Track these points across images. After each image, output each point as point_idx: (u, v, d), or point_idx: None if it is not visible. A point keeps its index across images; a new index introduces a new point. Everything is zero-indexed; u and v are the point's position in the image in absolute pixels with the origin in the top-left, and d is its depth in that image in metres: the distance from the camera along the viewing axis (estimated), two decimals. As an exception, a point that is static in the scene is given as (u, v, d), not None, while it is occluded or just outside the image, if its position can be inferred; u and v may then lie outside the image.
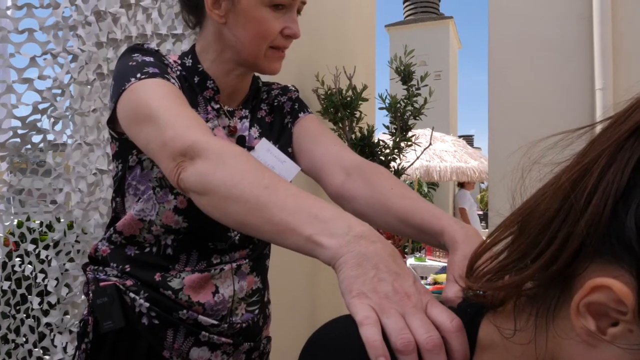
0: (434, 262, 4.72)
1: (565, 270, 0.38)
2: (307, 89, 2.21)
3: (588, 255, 0.36)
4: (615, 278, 0.34)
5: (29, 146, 1.50)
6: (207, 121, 0.92)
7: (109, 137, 1.09)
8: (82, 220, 1.45)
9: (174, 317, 0.90)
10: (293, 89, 1.09)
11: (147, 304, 0.89)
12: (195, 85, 0.94)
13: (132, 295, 0.89)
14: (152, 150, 0.76)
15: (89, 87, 1.43)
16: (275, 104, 1.05)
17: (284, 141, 1.02)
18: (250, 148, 0.97)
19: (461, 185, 7.47)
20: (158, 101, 0.76)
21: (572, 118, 2.09)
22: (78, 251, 1.52)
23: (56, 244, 1.51)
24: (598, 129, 0.40)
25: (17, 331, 1.62)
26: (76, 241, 1.50)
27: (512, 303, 0.44)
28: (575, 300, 0.36)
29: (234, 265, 0.96)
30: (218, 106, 0.95)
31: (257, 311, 1.01)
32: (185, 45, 1.33)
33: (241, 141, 0.96)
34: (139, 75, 0.80)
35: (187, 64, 0.95)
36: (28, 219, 1.63)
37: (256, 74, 1.03)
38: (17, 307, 1.64)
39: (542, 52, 2.12)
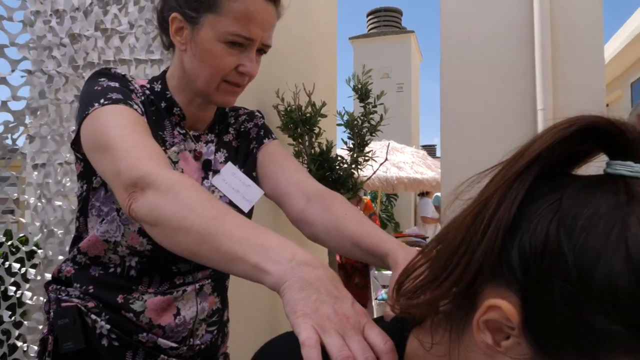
0: (394, 270, 4.80)
1: (467, 291, 0.44)
2: (268, 105, 2.25)
3: (485, 279, 0.42)
4: (505, 299, 0.40)
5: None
6: (173, 145, 0.94)
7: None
8: (64, 236, 1.47)
9: (133, 340, 0.91)
10: (259, 115, 1.13)
11: (107, 326, 0.90)
12: (162, 110, 0.95)
13: (93, 317, 0.90)
14: (107, 178, 0.77)
15: (66, 106, 1.46)
16: (242, 129, 1.08)
17: (249, 166, 1.05)
18: (216, 171, 0.99)
19: (423, 194, 7.59)
20: (116, 130, 0.77)
21: (517, 135, 2.21)
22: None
23: (31, 255, 1.52)
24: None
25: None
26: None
27: (431, 319, 0.50)
28: (476, 317, 0.42)
29: (197, 286, 0.97)
30: (184, 131, 0.97)
31: (215, 331, 1.03)
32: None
33: (207, 165, 0.99)
34: (102, 100, 0.81)
35: (156, 89, 0.96)
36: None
37: None
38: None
39: (490, 74, 2.26)
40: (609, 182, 0.40)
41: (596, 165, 0.45)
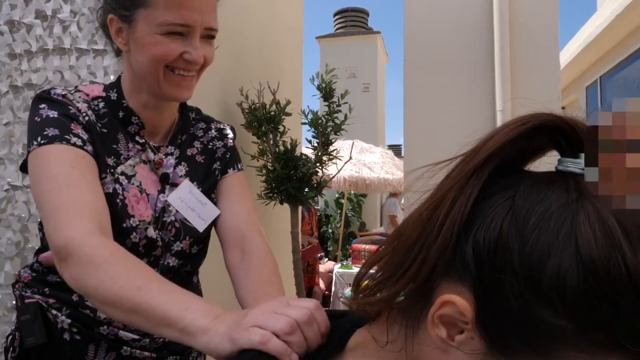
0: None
1: (424, 287, 0.44)
2: (232, 102, 2.22)
3: (439, 275, 0.42)
4: (459, 294, 0.41)
5: None
6: (128, 158, 0.92)
7: (23, 152, 1.06)
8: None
9: (95, 333, 0.92)
10: (231, 135, 1.09)
11: (68, 321, 0.91)
12: (120, 120, 0.93)
13: (54, 312, 0.92)
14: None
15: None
16: (210, 146, 1.05)
17: (208, 185, 1.02)
18: (174, 185, 0.97)
19: (391, 194, 7.69)
20: (46, 183, 0.78)
21: (477, 135, 2.28)
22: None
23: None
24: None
25: None
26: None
27: (386, 315, 0.50)
28: (430, 312, 0.42)
29: None
30: (143, 141, 0.95)
31: None
32: (107, 61, 1.32)
33: (165, 178, 0.96)
34: (39, 138, 0.81)
35: (112, 98, 0.94)
36: None
37: (186, 108, 1.04)
38: None
39: (451, 76, 2.30)
40: (560, 179, 0.40)
41: (546, 162, 0.46)
